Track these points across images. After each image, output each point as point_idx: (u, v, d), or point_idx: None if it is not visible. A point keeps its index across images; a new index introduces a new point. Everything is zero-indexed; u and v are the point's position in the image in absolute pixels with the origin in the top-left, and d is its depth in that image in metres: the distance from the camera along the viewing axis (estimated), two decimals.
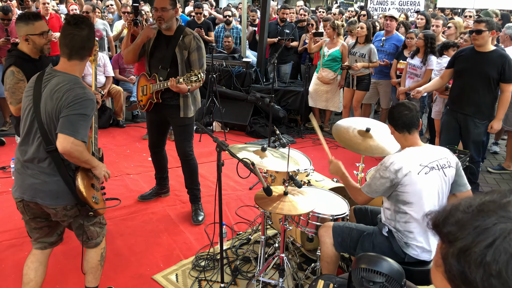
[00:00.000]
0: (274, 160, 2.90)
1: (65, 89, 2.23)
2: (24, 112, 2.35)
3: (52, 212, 2.39)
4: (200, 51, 3.57)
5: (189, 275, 3.15)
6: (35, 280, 2.55)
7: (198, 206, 4.01)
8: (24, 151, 2.35)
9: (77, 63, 2.34)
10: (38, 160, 2.31)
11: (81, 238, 2.52)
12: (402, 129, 2.52)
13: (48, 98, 2.25)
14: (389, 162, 2.43)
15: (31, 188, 2.33)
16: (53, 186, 2.32)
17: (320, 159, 5.42)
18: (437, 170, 2.47)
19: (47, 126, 2.27)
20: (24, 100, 2.38)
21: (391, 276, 2.00)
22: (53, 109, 2.23)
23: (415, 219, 2.44)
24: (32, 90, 2.31)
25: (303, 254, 3.35)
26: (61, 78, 2.28)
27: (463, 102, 4.29)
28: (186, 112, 3.69)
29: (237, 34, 8.06)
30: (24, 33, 3.02)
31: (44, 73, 2.34)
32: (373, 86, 6.25)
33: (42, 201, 2.33)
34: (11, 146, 5.55)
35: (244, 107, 6.66)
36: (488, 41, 4.15)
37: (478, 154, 4.45)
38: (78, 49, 2.30)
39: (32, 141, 2.32)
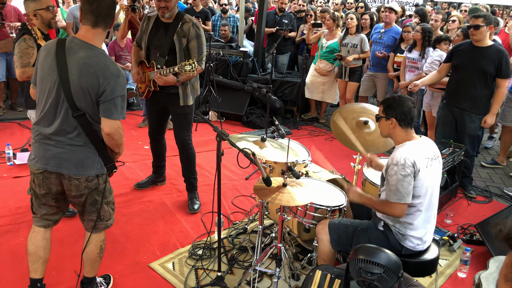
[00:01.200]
0: (273, 151, 2.90)
1: (101, 65, 2.21)
2: (47, 84, 2.28)
3: (75, 184, 2.35)
4: (200, 39, 3.52)
5: (185, 264, 3.17)
6: (44, 258, 2.57)
7: (194, 194, 4.01)
8: (48, 122, 2.31)
9: (101, 32, 2.30)
10: (66, 131, 2.30)
11: (93, 217, 2.48)
12: (408, 125, 2.51)
13: (80, 70, 2.20)
14: (402, 159, 2.39)
15: (56, 157, 2.31)
16: (79, 155, 2.32)
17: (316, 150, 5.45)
18: (435, 159, 2.53)
19: (75, 95, 2.23)
20: (43, 70, 2.31)
21: (388, 267, 2.03)
22: (89, 84, 2.20)
23: (420, 211, 2.48)
24: (55, 60, 2.23)
25: (299, 244, 3.38)
26: (90, 51, 2.23)
27: (460, 96, 4.32)
28: (186, 100, 3.67)
29: (234, 23, 8.00)
30: (33, 9, 3.20)
31: (64, 42, 2.26)
32: (370, 79, 6.26)
33: (68, 170, 2.32)
34: (5, 131, 5.51)
35: (240, 97, 6.64)
36: (486, 36, 4.17)
37: (473, 149, 4.50)
38: (104, 17, 2.26)
39: (59, 112, 2.28)
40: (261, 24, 7.10)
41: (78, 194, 2.39)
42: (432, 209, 2.55)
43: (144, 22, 3.67)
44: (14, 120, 5.88)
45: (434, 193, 2.54)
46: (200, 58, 3.55)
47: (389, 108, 2.53)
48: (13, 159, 4.61)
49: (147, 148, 5.26)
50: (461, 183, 4.55)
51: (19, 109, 6.29)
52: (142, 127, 6.02)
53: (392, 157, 2.47)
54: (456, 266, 3.34)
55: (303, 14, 7.33)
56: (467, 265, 3.23)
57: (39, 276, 2.57)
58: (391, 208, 2.45)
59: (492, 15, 4.21)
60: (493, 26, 4.24)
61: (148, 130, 4.15)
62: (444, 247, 3.56)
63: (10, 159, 4.59)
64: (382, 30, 6.06)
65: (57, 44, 2.27)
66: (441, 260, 3.37)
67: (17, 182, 4.22)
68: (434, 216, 2.60)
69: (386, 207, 2.49)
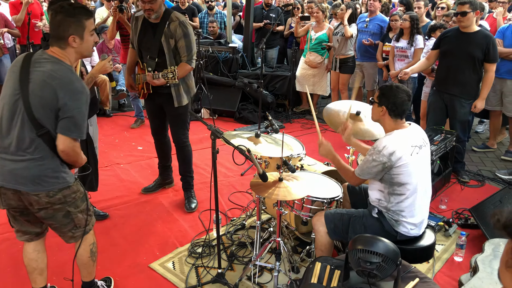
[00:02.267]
0: (268, 146, 2.92)
1: (65, 80, 2.15)
2: (6, 94, 2.20)
3: (34, 199, 2.24)
4: (188, 38, 3.48)
5: (185, 262, 3.18)
6: (39, 268, 2.56)
7: (190, 193, 4.02)
8: (4, 135, 2.22)
9: (60, 52, 2.22)
10: (22, 145, 2.19)
11: (70, 227, 2.41)
12: (397, 116, 2.55)
13: (43, 82, 2.13)
14: (382, 146, 2.47)
15: (12, 173, 2.21)
16: (36, 170, 2.21)
17: (310, 143, 5.47)
18: (424, 146, 2.57)
19: (35, 109, 2.13)
20: (6, 81, 2.23)
21: (387, 256, 2.06)
22: (49, 96, 2.12)
23: (409, 198, 2.51)
24: (19, 71, 2.17)
25: (297, 237, 3.41)
26: (56, 65, 2.17)
27: (449, 82, 4.36)
28: (180, 100, 3.65)
29: (221, 19, 7.99)
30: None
31: (31, 56, 2.21)
32: (358, 68, 6.29)
33: (24, 187, 2.21)
34: None
35: (232, 93, 6.64)
36: (473, 22, 4.21)
37: (464, 134, 4.55)
38: (53, 36, 2.22)
39: (15, 123, 2.18)
40: (249, 19, 7.09)
41: (40, 207, 2.29)
42: (423, 195, 2.58)
43: (133, 23, 3.65)
44: None
45: (423, 179, 2.57)
46: (190, 57, 3.52)
47: (383, 96, 2.58)
48: None
49: (141, 149, 5.27)
50: (454, 168, 4.60)
51: None
52: (135, 128, 6.01)
53: (377, 141, 2.55)
54: (452, 250, 3.39)
55: (290, 8, 7.33)
56: (463, 249, 3.28)
57: (38, 286, 2.58)
58: (350, 177, 2.69)
59: (477, 0, 4.24)
60: (479, 12, 4.28)
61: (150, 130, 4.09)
62: (440, 233, 3.61)
63: None
64: (367, 19, 6.10)
65: (24, 56, 2.23)
66: (438, 246, 3.42)
67: None
68: (426, 201, 2.63)
69: (346, 173, 2.73)
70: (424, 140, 2.60)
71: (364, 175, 2.58)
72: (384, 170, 2.49)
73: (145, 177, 4.51)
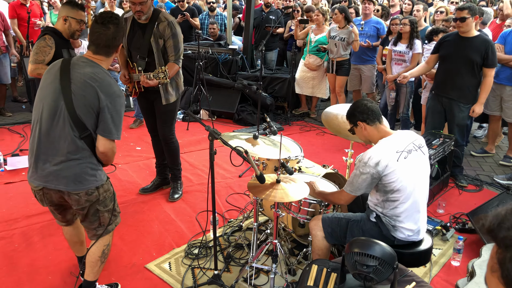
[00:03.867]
0: (266, 148, 2.91)
1: (104, 82, 2.28)
2: (45, 94, 2.31)
3: (75, 199, 2.36)
4: (176, 38, 3.55)
5: (182, 263, 3.17)
6: (79, 241, 2.80)
7: (176, 184, 4.15)
8: (44, 138, 2.31)
9: (103, 58, 2.39)
10: (62, 146, 2.28)
11: (95, 225, 2.50)
12: (374, 120, 2.56)
13: (84, 82, 2.25)
14: (367, 157, 2.46)
15: (53, 174, 2.31)
16: (77, 170, 2.31)
17: (308, 145, 5.48)
18: (415, 150, 2.54)
19: (78, 107, 2.24)
20: (44, 81, 2.35)
21: (383, 259, 2.05)
22: (91, 96, 2.24)
23: (404, 203, 2.50)
24: (59, 77, 2.28)
25: (294, 239, 3.40)
26: (96, 69, 2.30)
27: (448, 86, 4.37)
28: (167, 98, 3.73)
29: (221, 21, 7.99)
30: (65, 14, 3.37)
31: (70, 61, 2.34)
32: (356, 72, 6.30)
33: (65, 187, 2.31)
34: None
35: (231, 95, 6.64)
36: (472, 27, 4.22)
37: (462, 138, 4.55)
38: (103, 47, 2.35)
39: (55, 126, 2.28)
40: (249, 21, 7.09)
41: (80, 207, 2.40)
42: (419, 200, 2.56)
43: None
44: (3, 126, 5.82)
45: (419, 184, 2.54)
46: (177, 56, 3.60)
47: (351, 116, 2.64)
48: (4, 165, 4.57)
49: (139, 150, 5.26)
50: (452, 172, 4.60)
51: (8, 114, 6.23)
52: (134, 128, 6.00)
53: (363, 153, 2.55)
54: (449, 255, 3.38)
55: (290, 10, 7.34)
56: (460, 253, 3.27)
57: (81, 254, 2.84)
58: (340, 196, 2.67)
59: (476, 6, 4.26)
60: (478, 17, 4.29)
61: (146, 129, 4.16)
62: (437, 237, 3.60)
63: (0, 165, 4.55)
64: (362, 22, 6.13)
65: (62, 61, 2.36)
66: (435, 250, 3.42)
67: (8, 188, 4.18)
68: (423, 206, 2.61)
69: (335, 195, 2.73)
70: (414, 144, 2.56)
71: (356, 191, 2.56)
72: (373, 182, 2.49)
73: (143, 178, 4.50)
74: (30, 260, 3.15)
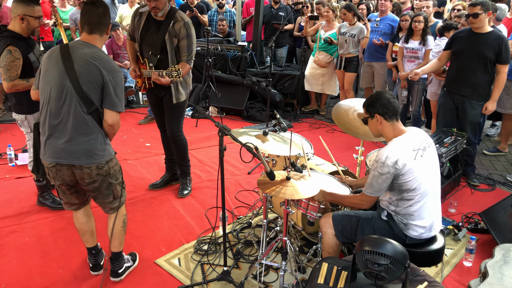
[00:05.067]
0: (276, 144, 2.89)
1: (104, 59, 2.45)
2: (51, 77, 2.44)
3: (87, 172, 2.50)
4: (190, 39, 3.56)
5: (191, 259, 3.17)
6: (89, 230, 2.86)
7: (185, 180, 4.15)
8: (54, 115, 2.45)
9: (97, 37, 2.54)
10: (71, 122, 2.43)
11: (110, 199, 2.68)
12: (392, 117, 2.52)
13: (86, 61, 2.40)
14: (384, 157, 2.43)
15: (65, 150, 2.46)
16: (87, 145, 2.47)
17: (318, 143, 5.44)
18: (428, 147, 2.53)
19: (84, 84, 2.40)
20: (46, 66, 2.48)
21: (395, 258, 2.03)
22: (94, 73, 2.41)
23: (419, 202, 2.47)
24: (60, 56, 2.43)
25: (304, 237, 3.38)
26: (93, 49, 2.47)
27: (460, 83, 4.31)
28: (178, 97, 3.74)
29: (230, 17, 7.97)
30: (22, 13, 3.19)
31: (67, 45, 2.48)
32: (369, 69, 6.25)
33: (78, 161, 2.47)
34: (6, 133, 5.50)
35: (240, 92, 6.62)
36: (485, 23, 4.15)
37: (475, 136, 4.49)
38: (96, 24, 2.50)
39: (62, 104, 2.42)
40: (258, 18, 7.06)
41: (91, 181, 2.55)
42: (434, 196, 2.54)
43: (136, 18, 3.66)
44: (14, 121, 5.85)
45: (432, 181, 2.53)
46: (190, 57, 3.61)
47: (370, 106, 2.58)
48: (15, 160, 4.60)
49: (149, 146, 5.27)
50: (464, 171, 4.54)
51: None
52: (143, 124, 6.01)
53: (378, 154, 2.52)
54: (461, 255, 3.34)
55: (300, 6, 7.29)
56: (473, 253, 3.23)
57: (91, 245, 2.90)
58: (361, 200, 2.59)
59: (490, 1, 4.18)
60: (491, 12, 4.22)
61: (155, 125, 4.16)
62: (449, 237, 3.56)
63: (11, 160, 4.59)
64: (377, 19, 6.04)
65: (60, 46, 2.49)
66: (447, 250, 3.37)
67: (19, 182, 4.21)
68: (437, 203, 2.59)
69: (355, 199, 2.65)
70: (427, 141, 2.55)
71: (378, 193, 2.51)
72: (393, 181, 2.46)
73: (152, 174, 4.51)
74: (41, 254, 3.17)
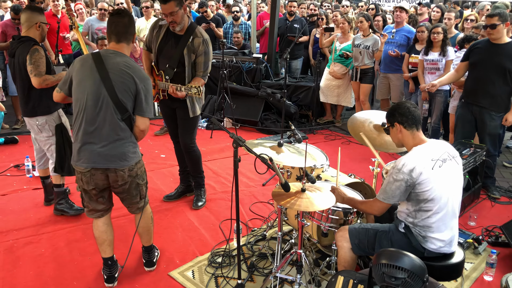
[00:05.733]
0: (291, 156, 2.88)
1: (136, 68, 2.62)
2: (86, 84, 2.58)
3: (121, 175, 2.68)
4: (207, 56, 3.61)
5: (205, 272, 3.15)
6: (108, 239, 2.91)
7: (200, 192, 4.15)
8: (89, 121, 2.59)
9: (125, 46, 2.70)
10: (107, 129, 2.59)
11: (137, 199, 2.84)
12: (412, 125, 2.50)
13: (120, 70, 2.57)
14: (401, 164, 2.41)
15: (101, 155, 2.61)
16: (122, 149, 2.65)
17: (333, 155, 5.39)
18: (450, 160, 2.49)
19: (120, 92, 2.56)
20: (81, 74, 2.60)
21: (413, 272, 1.97)
22: (128, 81, 2.57)
23: (437, 214, 2.42)
24: (94, 64, 2.58)
25: (319, 250, 3.34)
26: (124, 58, 2.64)
27: (479, 94, 4.24)
28: (194, 111, 3.78)
29: (245, 30, 8.03)
30: (39, 20, 3.50)
31: (98, 53, 2.63)
32: (385, 81, 6.20)
33: (114, 165, 2.64)
34: (24, 144, 5.60)
35: (255, 103, 6.63)
36: (504, 34, 4.10)
37: (494, 148, 4.39)
38: (123, 33, 2.67)
39: (98, 112, 2.57)
40: (273, 30, 7.10)
41: (123, 183, 2.72)
42: (452, 210, 2.48)
43: (155, 29, 3.71)
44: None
45: (452, 194, 2.47)
46: (205, 73, 3.67)
47: (390, 116, 2.59)
48: (32, 171, 4.67)
49: (164, 157, 5.30)
50: (484, 184, 4.45)
51: None
52: (158, 135, 6.05)
53: (396, 161, 2.50)
54: (482, 269, 3.25)
55: (315, 18, 7.31)
56: (494, 268, 3.14)
57: (108, 255, 2.93)
58: (373, 205, 2.58)
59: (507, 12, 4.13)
60: (509, 23, 4.16)
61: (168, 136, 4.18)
62: (469, 250, 3.47)
63: (29, 171, 4.66)
64: (393, 30, 6.01)
65: (92, 55, 2.63)
66: (467, 264, 3.28)
67: (36, 193, 4.27)
68: (456, 218, 2.53)
69: (367, 204, 2.63)
70: (449, 153, 2.51)
71: (389, 199, 2.49)
72: (407, 190, 2.42)
73: (167, 185, 4.52)
74: (56, 265, 3.18)
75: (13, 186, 4.44)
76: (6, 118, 6.06)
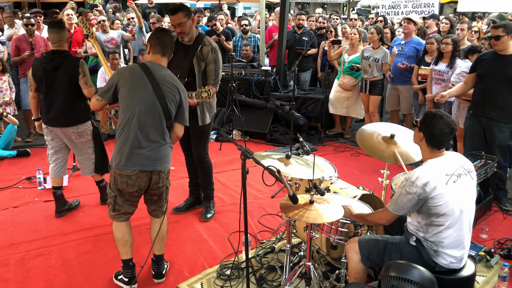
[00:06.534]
0: (299, 168, 2.88)
1: (178, 81, 2.90)
2: (138, 92, 2.77)
3: (162, 177, 2.88)
4: (217, 64, 3.66)
5: (214, 284, 3.14)
6: (130, 241, 3.03)
7: (209, 204, 4.17)
8: (140, 129, 2.76)
9: (166, 60, 2.94)
10: (154, 134, 2.80)
11: (163, 202, 3.03)
12: (434, 146, 2.47)
13: (167, 82, 2.81)
14: (415, 177, 2.39)
15: (149, 158, 2.80)
16: (164, 152, 2.87)
17: (343, 166, 5.38)
18: (465, 175, 2.45)
19: (170, 102, 2.80)
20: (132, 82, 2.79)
21: (422, 285, 1.97)
22: (175, 92, 2.83)
23: (449, 229, 2.39)
24: (144, 74, 2.78)
25: (328, 262, 3.31)
26: (167, 70, 2.90)
27: (487, 105, 4.22)
28: (204, 119, 3.81)
29: (254, 42, 8.10)
30: (67, 36, 3.84)
31: (146, 65, 2.83)
32: (394, 92, 6.19)
33: (161, 167, 2.85)
34: (36, 157, 5.68)
35: (263, 115, 6.66)
36: (509, 45, 4.09)
37: (505, 159, 4.35)
38: (169, 48, 2.92)
39: (148, 119, 2.77)
40: (282, 43, 7.15)
41: (162, 184, 2.92)
42: (465, 226, 2.45)
43: None
44: (45, 146, 6.03)
45: (466, 210, 2.44)
46: (216, 81, 3.71)
47: (424, 122, 2.51)
48: (44, 183, 4.73)
49: (173, 169, 5.31)
50: (495, 196, 4.39)
51: None
52: None
53: (410, 172, 2.47)
54: (494, 282, 3.19)
55: (323, 31, 7.36)
56: (506, 281, 3.09)
57: (128, 256, 3.03)
58: (381, 216, 2.59)
59: None
60: None
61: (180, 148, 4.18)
62: (480, 263, 3.42)
63: (41, 183, 4.71)
64: (402, 42, 6.01)
65: (140, 65, 2.84)
66: (478, 277, 3.23)
67: (48, 206, 4.31)
68: (468, 234, 2.50)
69: (375, 216, 2.64)
70: (464, 168, 2.48)
71: (399, 211, 2.48)
72: (419, 203, 2.40)
73: (176, 197, 4.54)
74: (66, 277, 3.20)
75: (25, 199, 4.49)
76: (19, 131, 6.16)
